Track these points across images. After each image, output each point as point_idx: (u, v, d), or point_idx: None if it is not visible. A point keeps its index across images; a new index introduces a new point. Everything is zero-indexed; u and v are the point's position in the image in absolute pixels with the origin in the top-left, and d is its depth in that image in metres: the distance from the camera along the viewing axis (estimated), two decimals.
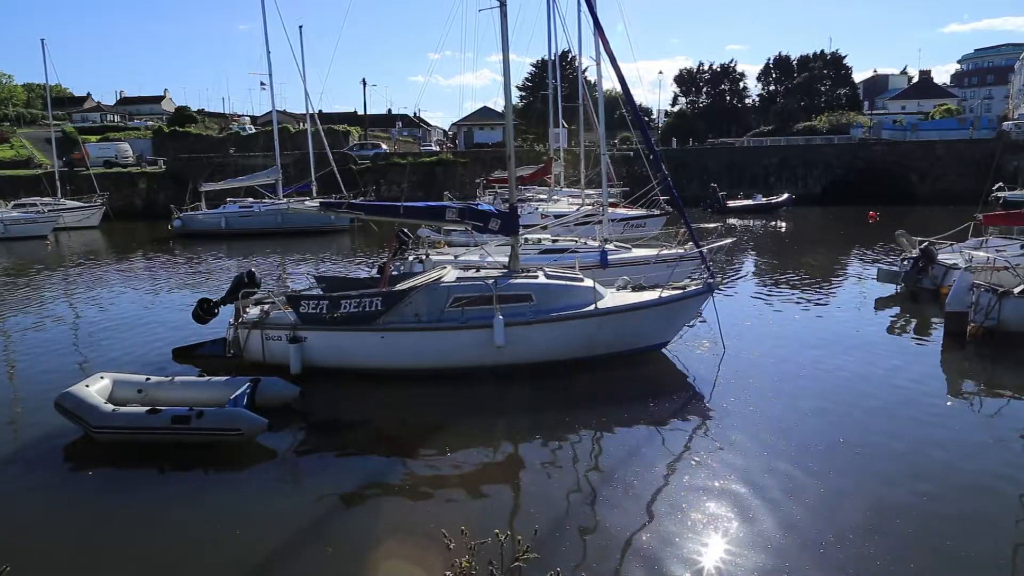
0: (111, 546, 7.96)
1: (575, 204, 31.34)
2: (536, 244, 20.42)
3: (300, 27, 41.05)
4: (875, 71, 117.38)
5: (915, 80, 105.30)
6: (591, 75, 32.86)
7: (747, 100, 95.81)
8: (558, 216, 25.49)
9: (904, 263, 20.06)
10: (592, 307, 13.30)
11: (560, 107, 36.73)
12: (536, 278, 13.77)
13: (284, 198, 39.69)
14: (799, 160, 57.31)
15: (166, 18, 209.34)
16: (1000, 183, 43.41)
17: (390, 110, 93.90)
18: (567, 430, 10.82)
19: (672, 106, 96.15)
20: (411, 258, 19.02)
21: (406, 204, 15.59)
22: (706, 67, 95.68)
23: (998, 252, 18.45)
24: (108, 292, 23.21)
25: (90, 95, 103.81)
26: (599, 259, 18.93)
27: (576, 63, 36.85)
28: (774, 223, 42.19)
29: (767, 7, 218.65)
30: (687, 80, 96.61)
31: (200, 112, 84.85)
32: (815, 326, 17.29)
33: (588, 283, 13.98)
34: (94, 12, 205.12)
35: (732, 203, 47.72)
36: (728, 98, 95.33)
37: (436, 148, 69.68)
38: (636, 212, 32.30)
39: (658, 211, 32.03)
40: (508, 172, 15.10)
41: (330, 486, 9.19)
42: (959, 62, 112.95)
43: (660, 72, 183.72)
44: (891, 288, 20.32)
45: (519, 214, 14.81)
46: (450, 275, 13.79)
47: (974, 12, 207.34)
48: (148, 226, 44.49)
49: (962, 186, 48.52)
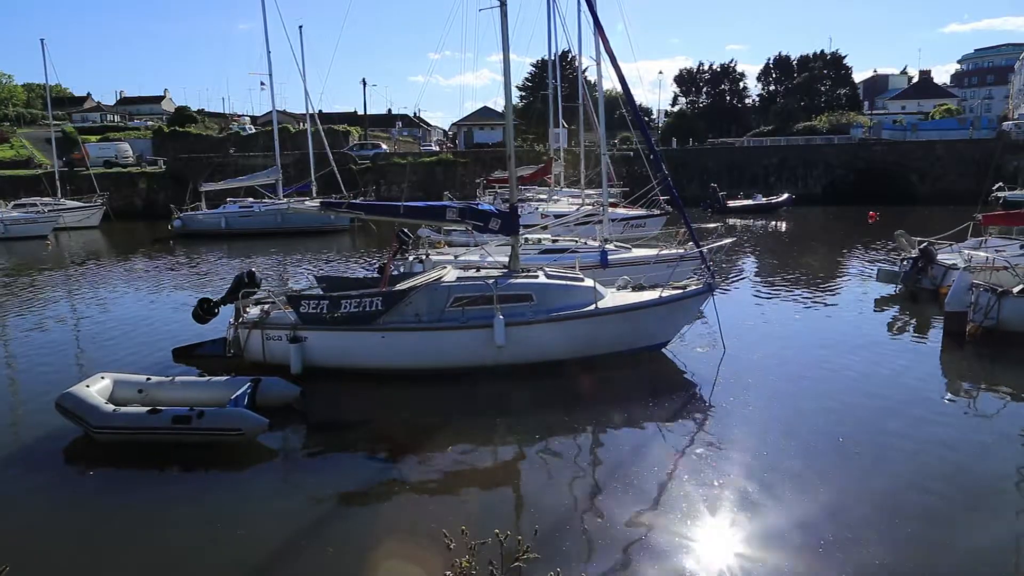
0: (111, 546, 7.97)
1: (575, 204, 31.31)
2: (536, 244, 20.42)
3: (300, 27, 41.21)
4: (875, 71, 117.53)
5: (915, 80, 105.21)
6: (591, 75, 32.87)
7: (747, 100, 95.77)
8: (558, 216, 25.51)
9: (903, 263, 20.07)
10: (592, 307, 13.31)
11: (560, 107, 36.71)
12: (536, 278, 13.78)
13: (284, 198, 39.64)
14: (799, 160, 57.30)
15: (166, 18, 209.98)
16: (1000, 183, 43.47)
17: (390, 110, 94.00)
18: (567, 430, 10.84)
19: (672, 106, 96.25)
20: (411, 258, 19.03)
21: (406, 204, 15.59)
22: (706, 67, 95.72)
23: (997, 252, 18.45)
24: (108, 292, 23.22)
25: (90, 95, 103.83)
26: (599, 259, 18.93)
27: (576, 63, 36.84)
28: (774, 223, 42.20)
29: (767, 7, 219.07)
30: (687, 80, 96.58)
31: (200, 112, 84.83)
32: (815, 326, 17.31)
33: (588, 283, 13.99)
34: (94, 12, 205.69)
35: (732, 203, 47.70)
36: (728, 98, 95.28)
37: (436, 148, 69.64)
38: (636, 212, 32.30)
39: (658, 211, 32.02)
40: (508, 172, 15.12)
41: (330, 486, 9.21)
42: (959, 62, 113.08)
43: (660, 72, 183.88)
44: (891, 288, 20.32)
45: (519, 214, 14.83)
46: (450, 275, 13.80)
47: (974, 12, 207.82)
48: (148, 226, 44.48)
49: (962, 186, 48.47)
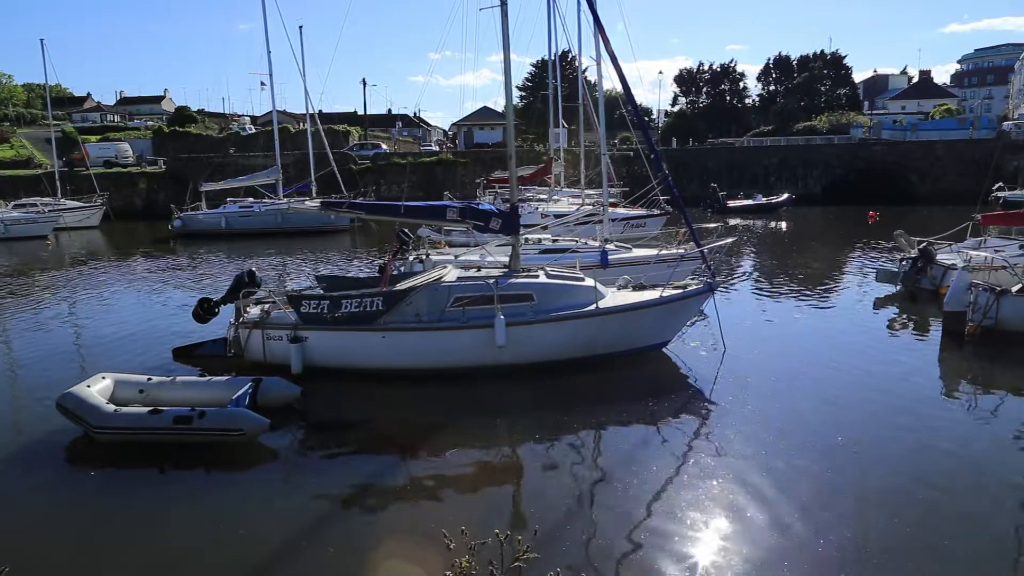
0: (111, 546, 7.97)
1: (575, 204, 31.29)
2: (536, 244, 20.41)
3: (300, 27, 41.25)
4: (875, 71, 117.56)
5: (915, 80, 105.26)
6: (591, 75, 32.88)
7: (747, 100, 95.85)
8: (558, 216, 25.49)
9: (903, 263, 20.08)
10: (593, 307, 13.31)
11: (560, 107, 36.70)
12: (537, 278, 13.78)
13: (284, 198, 39.65)
14: (799, 160, 57.33)
15: (166, 18, 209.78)
16: (1000, 183, 43.48)
17: (390, 110, 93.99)
18: (567, 430, 10.84)
19: (672, 106, 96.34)
20: (411, 258, 19.02)
21: (407, 204, 15.60)
22: (706, 67, 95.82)
23: (996, 252, 18.46)
24: (109, 292, 23.21)
25: (90, 95, 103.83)
26: (599, 259, 18.93)
27: (576, 63, 36.83)
28: (774, 223, 42.20)
29: (767, 7, 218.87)
30: (687, 80, 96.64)
31: (200, 112, 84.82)
32: (815, 326, 17.32)
33: (589, 283, 13.99)
34: (94, 12, 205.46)
35: (732, 203, 47.73)
36: (728, 98, 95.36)
37: (436, 148, 69.61)
38: (636, 212, 32.31)
39: (658, 211, 32.02)
40: (508, 172, 15.12)
41: (331, 486, 9.21)
42: (959, 62, 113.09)
43: (660, 72, 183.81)
44: (890, 288, 20.34)
45: (519, 214, 14.83)
46: (451, 275, 13.79)
47: (974, 12, 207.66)
48: (148, 226, 44.49)
49: (962, 186, 48.49)
